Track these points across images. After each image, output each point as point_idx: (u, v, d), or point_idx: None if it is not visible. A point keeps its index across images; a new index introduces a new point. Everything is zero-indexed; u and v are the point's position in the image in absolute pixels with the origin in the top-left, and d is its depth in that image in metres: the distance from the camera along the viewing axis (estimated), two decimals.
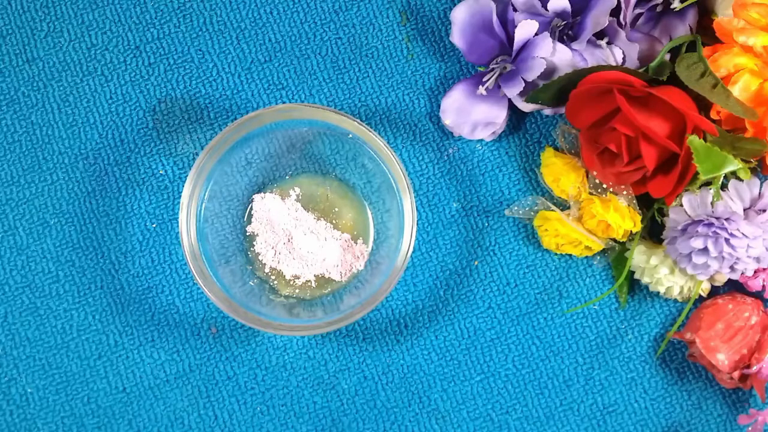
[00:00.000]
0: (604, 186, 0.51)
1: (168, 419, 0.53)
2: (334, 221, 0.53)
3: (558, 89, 0.50)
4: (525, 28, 0.49)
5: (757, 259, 0.49)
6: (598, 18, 0.49)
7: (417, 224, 0.53)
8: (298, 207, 0.53)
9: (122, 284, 0.54)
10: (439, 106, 0.55)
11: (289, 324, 0.49)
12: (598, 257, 0.54)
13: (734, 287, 0.54)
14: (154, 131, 0.54)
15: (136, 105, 0.54)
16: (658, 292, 0.53)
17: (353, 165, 0.53)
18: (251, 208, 0.53)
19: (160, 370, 0.54)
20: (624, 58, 0.51)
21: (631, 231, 0.51)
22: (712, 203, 0.48)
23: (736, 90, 0.46)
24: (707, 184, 0.49)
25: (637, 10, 0.51)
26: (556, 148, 0.54)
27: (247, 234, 0.53)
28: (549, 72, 0.50)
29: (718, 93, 0.46)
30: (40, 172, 0.54)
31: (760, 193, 0.48)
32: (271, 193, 0.53)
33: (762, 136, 0.47)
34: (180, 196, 0.49)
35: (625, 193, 0.51)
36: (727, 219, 0.47)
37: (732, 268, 0.49)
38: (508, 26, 0.51)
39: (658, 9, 0.51)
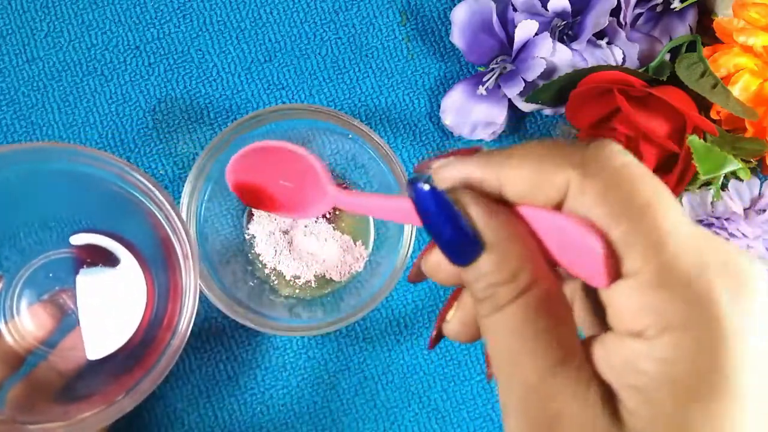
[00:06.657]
0: None
1: (168, 419, 0.53)
2: (334, 222, 0.53)
3: (558, 89, 0.50)
4: (525, 28, 0.49)
5: (757, 259, 0.49)
6: (598, 18, 0.49)
7: None
8: None
9: None
10: (439, 106, 0.55)
11: (289, 324, 0.49)
12: None
13: None
14: (154, 131, 0.54)
15: (136, 105, 0.54)
16: None
17: (353, 165, 0.53)
18: (251, 209, 0.53)
19: None
20: (624, 58, 0.51)
21: None
22: (712, 203, 0.48)
23: (736, 90, 0.46)
24: (707, 184, 0.49)
25: (637, 10, 0.51)
26: None
27: (248, 235, 0.53)
28: (549, 72, 0.50)
29: (718, 93, 0.46)
30: None
31: (760, 193, 0.48)
32: None
33: (762, 136, 0.47)
34: (180, 197, 0.49)
35: None
36: (727, 219, 0.47)
37: None
38: (508, 26, 0.51)
39: (658, 9, 0.52)
